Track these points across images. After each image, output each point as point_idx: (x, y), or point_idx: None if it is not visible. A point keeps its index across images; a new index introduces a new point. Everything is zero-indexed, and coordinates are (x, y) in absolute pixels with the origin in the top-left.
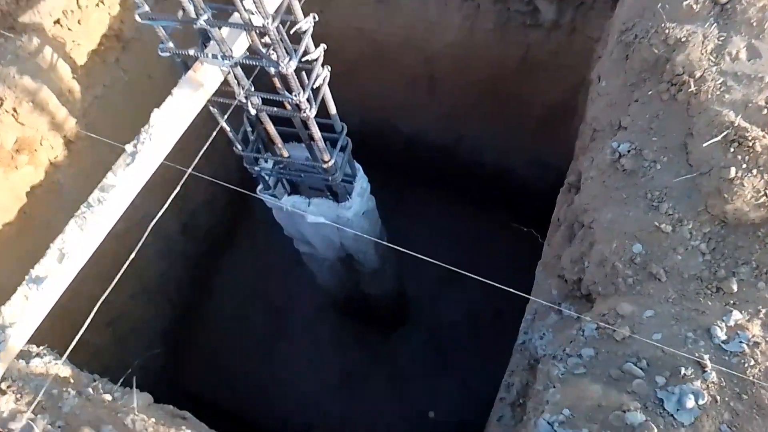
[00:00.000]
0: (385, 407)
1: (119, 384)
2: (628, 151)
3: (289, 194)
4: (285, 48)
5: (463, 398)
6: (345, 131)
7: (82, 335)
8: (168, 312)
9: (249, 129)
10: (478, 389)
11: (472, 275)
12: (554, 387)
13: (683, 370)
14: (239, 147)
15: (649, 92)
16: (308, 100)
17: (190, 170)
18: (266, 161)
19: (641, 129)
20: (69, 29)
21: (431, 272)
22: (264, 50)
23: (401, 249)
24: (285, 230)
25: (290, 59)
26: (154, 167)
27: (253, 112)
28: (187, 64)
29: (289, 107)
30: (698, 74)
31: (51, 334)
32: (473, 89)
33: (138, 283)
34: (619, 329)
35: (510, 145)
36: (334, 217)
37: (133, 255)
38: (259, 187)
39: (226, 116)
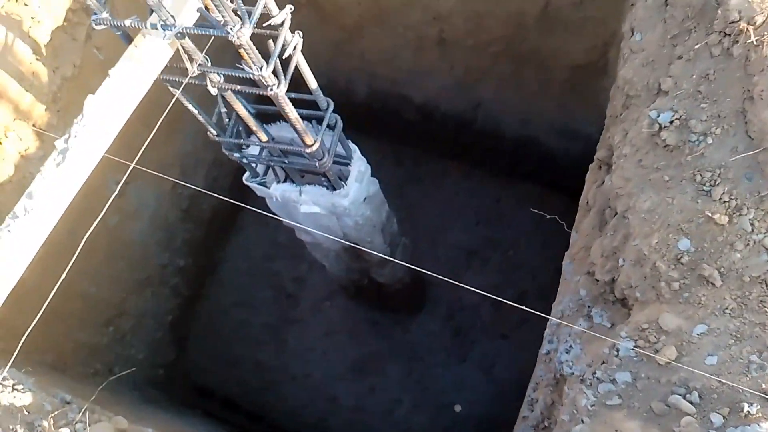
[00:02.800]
0: (404, 398)
1: (81, 413)
2: (671, 122)
3: (279, 182)
4: (235, 11)
5: (488, 389)
6: (331, 108)
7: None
8: (174, 303)
9: (224, 110)
10: (504, 379)
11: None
12: (582, 422)
13: (746, 407)
14: (213, 132)
15: (696, 46)
16: (275, 73)
17: (133, 164)
18: (248, 147)
19: (686, 93)
20: (25, 4)
21: (449, 252)
22: (215, 15)
23: (402, 263)
24: (283, 221)
25: (241, 26)
26: (93, 164)
27: (213, 91)
28: (130, 37)
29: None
30: (760, 20)
31: (42, 338)
32: (488, 50)
33: (137, 277)
34: (662, 351)
35: (532, 112)
36: (329, 205)
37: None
38: (246, 175)
39: (179, 90)
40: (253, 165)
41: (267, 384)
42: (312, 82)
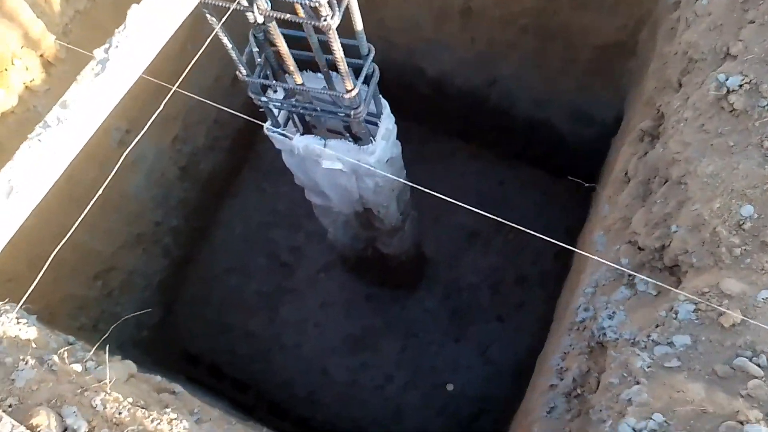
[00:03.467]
0: (397, 375)
1: (93, 350)
2: (740, 86)
3: (301, 134)
4: None
5: (482, 370)
6: (372, 54)
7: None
8: (164, 264)
9: (256, 50)
10: (498, 360)
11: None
12: (638, 383)
13: None
14: (243, 71)
15: None
16: (329, 4)
17: (175, 87)
18: (275, 91)
19: (757, 58)
20: None
21: (451, 232)
22: None
23: (434, 193)
24: (296, 178)
25: None
26: (132, 79)
27: (260, 19)
28: None
29: (303, 14)
30: None
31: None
32: (514, 24)
33: (130, 232)
34: (726, 314)
35: (549, 92)
36: (353, 162)
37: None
38: (267, 123)
39: (222, 22)
40: (276, 113)
41: (256, 353)
42: (359, 23)
